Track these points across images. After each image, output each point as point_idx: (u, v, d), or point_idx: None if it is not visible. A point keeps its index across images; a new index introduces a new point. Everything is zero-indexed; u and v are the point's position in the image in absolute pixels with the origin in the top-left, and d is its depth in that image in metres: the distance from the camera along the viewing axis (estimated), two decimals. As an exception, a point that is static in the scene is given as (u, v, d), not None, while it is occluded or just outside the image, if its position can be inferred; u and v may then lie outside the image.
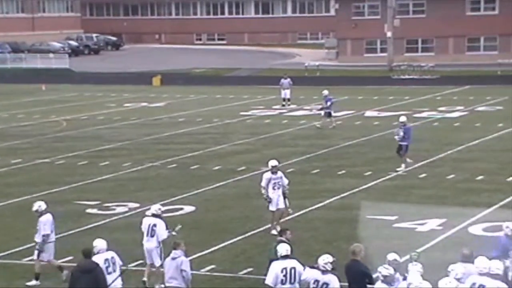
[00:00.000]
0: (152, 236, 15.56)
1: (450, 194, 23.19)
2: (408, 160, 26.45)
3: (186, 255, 13.89)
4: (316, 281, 12.53)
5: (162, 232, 15.55)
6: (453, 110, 41.27)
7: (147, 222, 15.74)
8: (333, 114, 36.05)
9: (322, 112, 36.07)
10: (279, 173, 19.63)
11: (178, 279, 13.31)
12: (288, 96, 43.13)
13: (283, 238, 13.90)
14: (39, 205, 16.20)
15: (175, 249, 13.59)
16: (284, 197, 19.47)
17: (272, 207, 19.49)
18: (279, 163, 20.02)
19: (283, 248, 13.06)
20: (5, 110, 44.88)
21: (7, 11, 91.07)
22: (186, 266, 13.40)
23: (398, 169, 26.21)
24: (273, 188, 19.36)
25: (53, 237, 16.28)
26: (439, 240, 18.58)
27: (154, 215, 15.73)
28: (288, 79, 43.12)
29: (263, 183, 19.47)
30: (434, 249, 17.59)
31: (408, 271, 12.22)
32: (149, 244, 15.67)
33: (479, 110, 41.17)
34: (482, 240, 18.29)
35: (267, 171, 19.86)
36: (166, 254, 14.31)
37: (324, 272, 12.51)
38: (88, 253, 13.13)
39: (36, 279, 16.18)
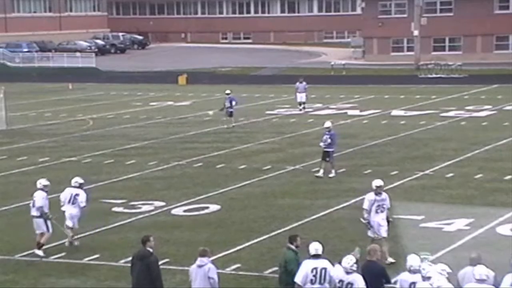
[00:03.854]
0: (74, 203, 18.49)
1: (478, 194, 22.96)
2: (333, 171, 25.37)
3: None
4: (341, 281, 12.52)
5: (83, 200, 18.58)
6: (481, 109, 40.92)
7: (69, 191, 18.68)
8: (233, 113, 36.64)
9: (225, 112, 36.61)
10: (384, 195, 17.01)
11: (206, 286, 13.17)
12: (303, 100, 42.51)
13: (292, 246, 13.62)
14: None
15: (202, 256, 13.32)
16: (388, 222, 16.99)
17: (371, 233, 16.93)
18: (384, 183, 17.53)
19: (313, 248, 12.98)
20: (32, 109, 45.18)
21: (34, 10, 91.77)
22: (213, 273, 13.21)
23: (317, 174, 25.32)
24: (376, 212, 16.86)
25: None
26: (466, 240, 18.41)
27: (75, 187, 18.66)
28: (304, 83, 42.50)
29: (366, 206, 16.91)
30: (461, 249, 17.41)
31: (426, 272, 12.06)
32: (72, 210, 18.50)
33: (507, 110, 40.77)
34: (510, 241, 18.12)
35: (370, 192, 17.17)
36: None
37: (349, 272, 12.47)
38: (144, 241, 13.85)
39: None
